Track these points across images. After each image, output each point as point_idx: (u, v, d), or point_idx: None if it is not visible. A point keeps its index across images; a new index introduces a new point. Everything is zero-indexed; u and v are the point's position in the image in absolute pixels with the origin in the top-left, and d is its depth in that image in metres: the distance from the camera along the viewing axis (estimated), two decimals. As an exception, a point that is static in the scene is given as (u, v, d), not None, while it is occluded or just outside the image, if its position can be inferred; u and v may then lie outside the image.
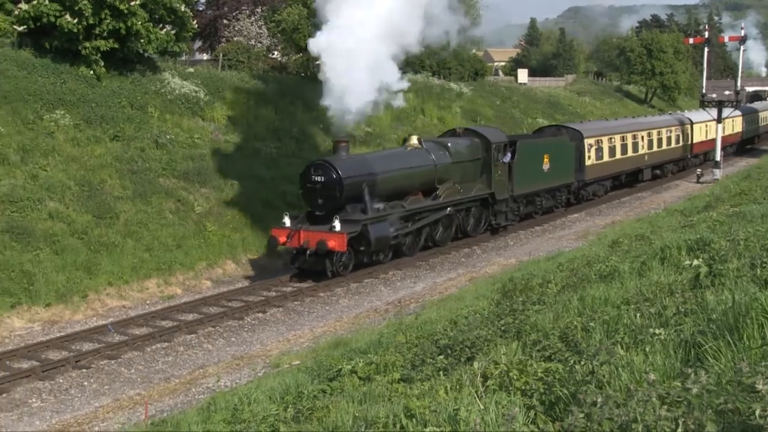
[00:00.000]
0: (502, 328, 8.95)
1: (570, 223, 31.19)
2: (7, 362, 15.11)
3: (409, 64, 49.19)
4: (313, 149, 31.52)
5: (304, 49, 38.97)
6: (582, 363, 5.77)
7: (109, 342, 16.26)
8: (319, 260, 20.94)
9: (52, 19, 26.26)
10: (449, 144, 25.65)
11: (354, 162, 22.12)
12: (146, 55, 29.61)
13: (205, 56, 52.39)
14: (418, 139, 25.01)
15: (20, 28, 27.12)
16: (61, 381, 14.49)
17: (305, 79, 39.28)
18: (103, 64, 27.65)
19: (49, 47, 27.18)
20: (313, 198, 21.45)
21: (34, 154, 22.98)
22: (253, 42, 46.18)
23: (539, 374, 5.91)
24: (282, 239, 21.27)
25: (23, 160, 22.50)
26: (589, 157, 34.03)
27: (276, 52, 46.38)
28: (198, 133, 28.90)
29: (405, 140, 25.81)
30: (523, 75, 70.76)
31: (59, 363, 14.98)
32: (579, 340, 6.84)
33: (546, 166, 30.13)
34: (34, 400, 13.67)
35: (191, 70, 33.74)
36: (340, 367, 9.73)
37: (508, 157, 27.66)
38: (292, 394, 9.45)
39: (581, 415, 4.42)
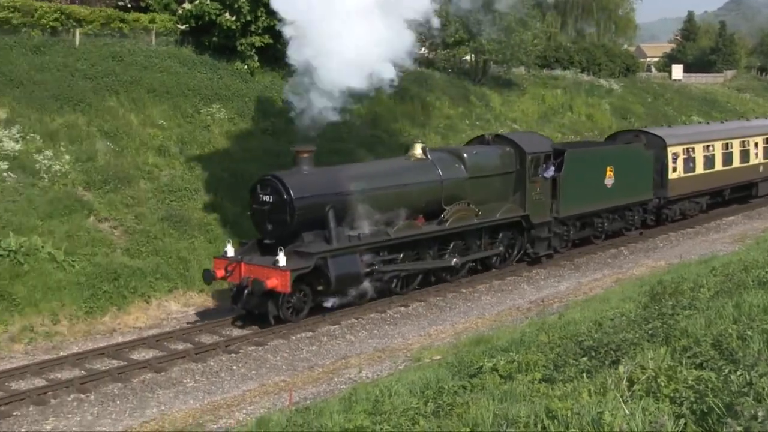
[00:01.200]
0: (650, 332, 8.64)
1: (725, 226, 29.69)
2: (165, 343, 16.01)
3: (558, 61, 48.40)
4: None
5: (450, 44, 39.08)
6: (738, 373, 5.48)
7: (256, 329, 16.85)
8: (263, 301, 16.67)
9: (213, 17, 27.57)
10: (465, 155, 20.60)
11: (315, 178, 17.65)
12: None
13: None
14: (423, 149, 20.22)
15: (183, 27, 28.64)
16: (212, 364, 15.16)
17: (452, 73, 39.32)
18: (257, 59, 28.74)
19: (208, 44, 28.50)
20: (262, 222, 17.36)
21: (191, 146, 24.12)
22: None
23: (690, 382, 5.67)
24: (219, 273, 17.09)
25: (182, 152, 23.68)
26: (674, 169, 27.53)
27: (423, 48, 46.55)
28: (347, 128, 29.45)
29: (408, 149, 20.95)
30: (677, 71, 67.86)
31: (211, 347, 15.69)
32: (734, 348, 6.52)
33: (609, 180, 24.25)
34: (188, 380, 14.38)
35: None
36: (481, 364, 9.68)
37: (550, 171, 22.30)
38: (432, 388, 9.48)
39: (739, 428, 4.20)
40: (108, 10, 28.73)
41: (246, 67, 28.74)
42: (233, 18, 27.49)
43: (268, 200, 17.08)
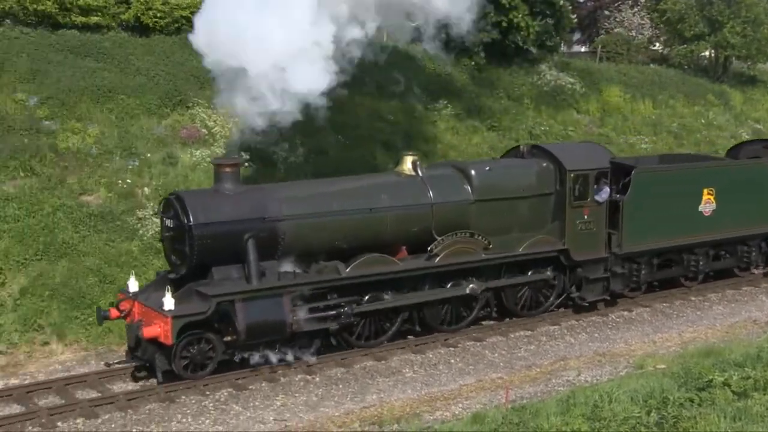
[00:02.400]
0: None
1: None
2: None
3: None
4: (695, 149, 29.82)
5: (688, 39, 37.10)
6: None
7: (475, 326, 16.90)
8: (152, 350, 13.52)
9: (442, 13, 28.01)
10: (473, 172, 16.13)
11: (230, 200, 13.98)
12: (524, 47, 30.23)
13: (582, 48, 52.04)
14: (414, 163, 16.04)
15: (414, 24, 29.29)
16: (430, 356, 15.42)
17: (688, 70, 37.34)
18: (484, 56, 28.87)
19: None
20: (168, 253, 14.39)
21: (416, 141, 24.63)
22: (633, 33, 44.88)
23: None
24: (114, 312, 14.02)
25: (407, 146, 24.22)
26: None
27: (657, 44, 44.61)
28: (572, 126, 28.86)
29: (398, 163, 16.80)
30: None
31: (431, 339, 15.95)
32: None
33: (707, 206, 18.84)
34: (406, 370, 14.73)
35: (568, 62, 33.75)
36: (711, 377, 9.17)
37: (605, 193, 17.35)
38: (656, 398, 9.10)
39: None
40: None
41: (473, 63, 28.95)
42: (468, 13, 27.82)
43: (170, 225, 13.98)
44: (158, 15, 23.44)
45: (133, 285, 14.08)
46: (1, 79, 19.91)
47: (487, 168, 16.47)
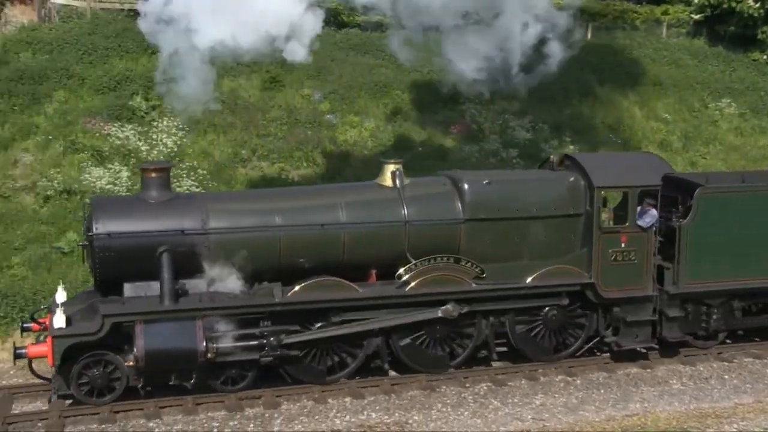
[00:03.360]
0: None
1: None
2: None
3: None
4: None
5: None
6: None
7: (757, 341, 15.62)
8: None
9: (732, 4, 26.32)
10: (466, 186, 13.48)
11: (147, 210, 12.46)
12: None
13: None
14: (394, 173, 13.56)
15: (697, 17, 27.81)
16: (701, 369, 14.48)
17: None
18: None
19: (723, 34, 27.26)
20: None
21: (695, 141, 23.29)
22: None
23: None
24: (35, 326, 12.75)
25: (684, 147, 22.99)
26: None
27: None
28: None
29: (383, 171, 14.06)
30: None
31: (701, 352, 14.97)
32: None
33: None
34: (674, 381, 13.95)
35: None
36: None
37: (650, 217, 13.91)
38: None
39: None
40: (623, 4, 29.12)
41: (765, 57, 26.79)
42: (757, 4, 25.82)
43: (84, 233, 12.83)
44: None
45: (61, 296, 12.26)
46: (292, 75, 21.49)
47: (486, 181, 13.69)
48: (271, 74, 21.36)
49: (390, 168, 13.60)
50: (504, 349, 14.10)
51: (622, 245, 13.81)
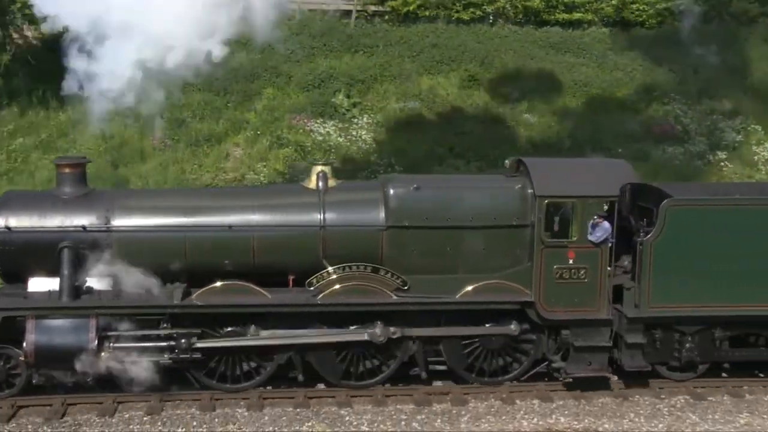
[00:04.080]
0: None
1: None
2: None
3: None
4: None
5: None
6: None
7: None
8: None
9: None
10: (392, 191, 12.27)
11: (53, 205, 12.20)
12: None
13: None
14: (319, 175, 12.57)
15: None
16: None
17: None
18: None
19: None
20: None
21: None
22: None
23: None
24: None
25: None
26: None
27: None
28: None
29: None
30: None
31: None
32: None
33: None
34: None
35: None
36: None
37: (603, 232, 12.10)
38: None
39: None
40: None
41: None
42: None
43: None
44: (640, 9, 23.41)
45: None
46: (489, 73, 21.52)
47: (414, 186, 12.36)
48: (470, 72, 21.50)
49: (316, 170, 12.77)
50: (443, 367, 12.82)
51: (570, 261, 12.31)
